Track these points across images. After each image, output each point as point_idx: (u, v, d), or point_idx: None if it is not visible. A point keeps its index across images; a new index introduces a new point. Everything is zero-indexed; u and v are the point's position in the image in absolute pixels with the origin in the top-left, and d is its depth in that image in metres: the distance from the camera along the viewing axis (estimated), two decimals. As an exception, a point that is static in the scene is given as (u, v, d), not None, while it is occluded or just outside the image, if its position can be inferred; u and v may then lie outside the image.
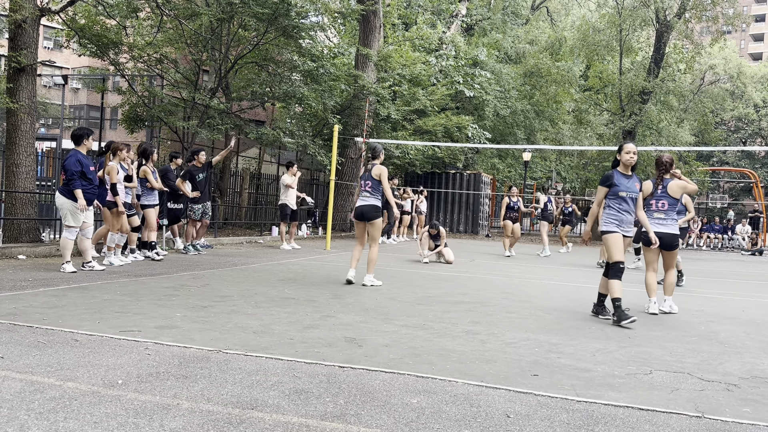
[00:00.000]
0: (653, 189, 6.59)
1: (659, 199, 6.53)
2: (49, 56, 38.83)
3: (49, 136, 27.61)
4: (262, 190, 18.65)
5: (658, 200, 6.53)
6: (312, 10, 15.80)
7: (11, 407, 2.79)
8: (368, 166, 7.69)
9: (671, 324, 5.87)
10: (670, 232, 6.43)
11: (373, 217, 7.48)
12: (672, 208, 6.50)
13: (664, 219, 6.47)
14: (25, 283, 6.40)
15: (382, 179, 7.51)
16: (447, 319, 5.48)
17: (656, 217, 6.51)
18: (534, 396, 3.35)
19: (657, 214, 6.51)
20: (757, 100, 45.65)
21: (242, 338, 4.32)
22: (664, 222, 6.47)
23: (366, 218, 7.52)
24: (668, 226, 6.45)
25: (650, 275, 6.55)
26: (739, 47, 62.85)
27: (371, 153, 7.80)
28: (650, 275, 6.55)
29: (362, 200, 7.56)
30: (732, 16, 27.57)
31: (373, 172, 7.51)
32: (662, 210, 6.50)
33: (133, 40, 14.30)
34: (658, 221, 6.48)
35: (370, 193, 7.53)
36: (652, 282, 6.51)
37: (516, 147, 27.34)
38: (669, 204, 6.48)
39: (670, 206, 6.48)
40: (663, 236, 6.39)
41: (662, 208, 6.50)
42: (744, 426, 3.04)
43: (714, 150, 29.42)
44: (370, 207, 7.49)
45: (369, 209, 7.49)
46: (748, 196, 43.24)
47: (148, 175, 9.44)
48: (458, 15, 27.92)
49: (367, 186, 7.56)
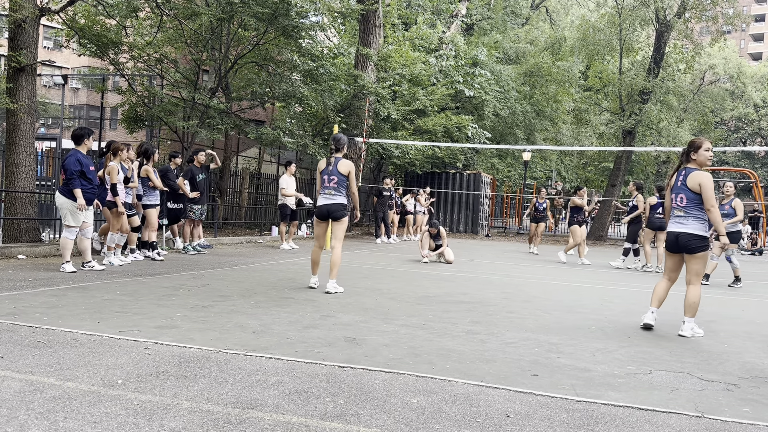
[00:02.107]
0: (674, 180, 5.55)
1: (678, 193, 5.45)
2: (49, 56, 38.83)
3: (49, 136, 27.61)
4: (262, 189, 18.65)
5: (677, 194, 5.45)
6: (312, 10, 15.80)
7: (11, 407, 2.79)
8: (331, 159, 6.91)
9: (671, 324, 5.87)
10: (689, 231, 5.33)
11: (341, 216, 6.83)
12: (692, 204, 5.33)
13: (684, 217, 5.38)
14: (25, 282, 6.40)
15: (351, 177, 6.89)
16: (447, 319, 5.48)
17: (675, 214, 5.47)
18: (534, 396, 3.35)
19: (676, 212, 5.46)
20: (757, 99, 45.66)
21: (242, 338, 4.32)
22: (684, 221, 5.37)
23: (333, 217, 6.86)
24: (688, 226, 5.35)
25: (662, 282, 5.67)
26: (739, 47, 62.84)
27: (334, 144, 6.95)
28: (662, 282, 5.67)
29: (327, 198, 6.86)
30: (732, 16, 27.56)
31: (341, 168, 6.83)
32: (680, 206, 5.41)
33: (133, 39, 14.30)
34: (677, 219, 5.45)
35: (336, 189, 6.85)
36: (660, 289, 5.63)
37: (516, 147, 27.35)
38: (688, 199, 5.35)
39: (689, 201, 5.35)
40: (679, 236, 5.38)
41: (680, 204, 5.41)
42: (744, 426, 3.04)
43: (714, 150, 29.36)
44: (337, 205, 6.83)
45: (336, 207, 6.83)
46: (748, 196, 43.24)
47: (150, 174, 9.44)
48: (458, 15, 27.92)
49: (332, 182, 6.84)
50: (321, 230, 7.09)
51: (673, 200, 5.48)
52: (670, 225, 5.51)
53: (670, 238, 5.48)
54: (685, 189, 5.35)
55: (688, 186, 5.33)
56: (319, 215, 6.96)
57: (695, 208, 5.31)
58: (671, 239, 5.46)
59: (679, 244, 5.37)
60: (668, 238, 5.51)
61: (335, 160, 6.90)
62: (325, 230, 7.10)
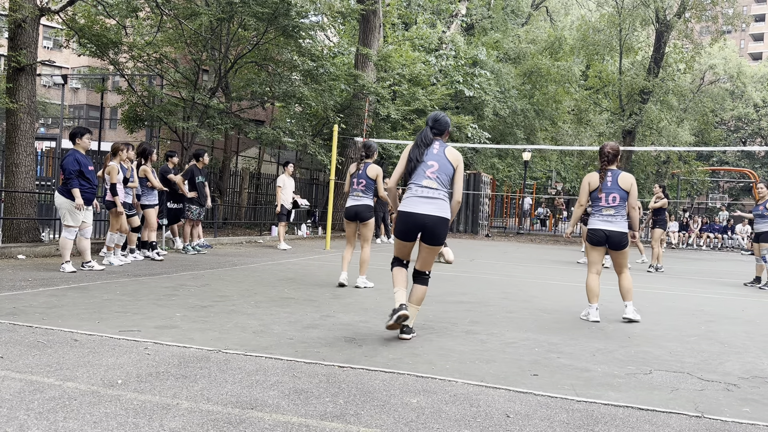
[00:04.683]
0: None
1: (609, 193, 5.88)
2: (48, 56, 38.80)
3: (49, 136, 27.61)
4: (262, 189, 18.64)
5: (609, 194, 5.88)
6: (312, 10, 15.79)
7: (11, 407, 2.79)
8: (361, 164, 7.31)
9: (671, 324, 5.87)
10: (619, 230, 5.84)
11: (367, 218, 7.24)
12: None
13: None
14: (25, 282, 6.40)
15: (378, 180, 7.29)
16: (447, 319, 5.48)
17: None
18: (534, 396, 3.35)
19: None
20: (757, 99, 45.64)
21: (242, 338, 4.32)
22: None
23: (360, 218, 7.26)
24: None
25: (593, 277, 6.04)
26: (739, 47, 62.84)
27: (365, 151, 7.36)
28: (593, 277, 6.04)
29: (355, 200, 7.27)
30: (732, 16, 27.55)
31: (369, 172, 7.20)
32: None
33: (132, 39, 14.29)
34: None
35: (363, 192, 7.24)
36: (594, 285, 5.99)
37: (516, 147, 27.36)
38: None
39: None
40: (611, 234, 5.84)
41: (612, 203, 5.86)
42: (744, 426, 3.04)
43: (714, 150, 29.38)
44: (364, 207, 7.22)
45: (363, 209, 7.22)
46: (748, 196, 43.23)
47: (148, 174, 9.44)
48: (458, 15, 27.92)
49: (360, 185, 7.25)
50: (350, 230, 7.45)
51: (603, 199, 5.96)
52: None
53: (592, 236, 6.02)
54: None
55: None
56: (348, 216, 7.33)
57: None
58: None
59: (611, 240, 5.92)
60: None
61: (365, 165, 7.27)
62: (354, 230, 7.44)
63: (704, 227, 25.03)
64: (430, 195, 4.57)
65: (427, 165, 4.61)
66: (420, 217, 4.54)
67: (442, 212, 4.57)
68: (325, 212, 15.41)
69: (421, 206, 4.55)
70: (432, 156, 4.65)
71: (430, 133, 4.72)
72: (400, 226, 4.65)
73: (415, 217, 4.55)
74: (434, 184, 4.59)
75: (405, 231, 4.63)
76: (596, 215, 5.96)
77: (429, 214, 4.53)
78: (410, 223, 4.58)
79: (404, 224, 4.61)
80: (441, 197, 4.61)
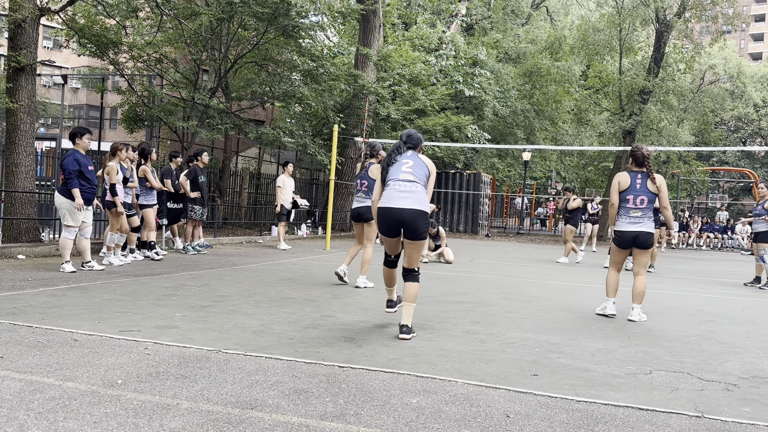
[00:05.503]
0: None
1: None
2: (48, 56, 38.79)
3: (49, 136, 27.60)
4: (262, 189, 18.63)
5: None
6: (312, 10, 15.79)
7: (11, 407, 2.79)
8: (365, 164, 7.34)
9: (671, 324, 5.87)
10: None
11: (369, 218, 7.17)
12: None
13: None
14: (25, 282, 6.40)
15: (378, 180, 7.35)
16: (447, 319, 5.48)
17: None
18: (534, 396, 3.35)
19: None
20: (757, 99, 45.61)
21: (242, 338, 4.32)
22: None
23: (362, 219, 7.26)
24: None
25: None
26: (739, 47, 62.81)
27: (369, 151, 7.40)
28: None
29: (357, 201, 7.30)
30: (732, 16, 27.53)
31: (371, 173, 7.19)
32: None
33: (132, 39, 14.29)
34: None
35: (365, 193, 7.22)
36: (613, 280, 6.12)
37: (516, 147, 27.36)
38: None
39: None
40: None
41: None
42: (743, 426, 3.04)
43: (714, 150, 29.39)
44: (365, 208, 7.17)
45: (365, 210, 7.17)
46: (748, 196, 43.24)
47: (147, 174, 9.44)
48: (458, 14, 27.91)
49: (363, 186, 7.27)
50: (357, 231, 7.51)
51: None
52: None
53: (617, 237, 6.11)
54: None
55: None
56: (352, 217, 7.45)
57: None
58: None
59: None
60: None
61: (369, 164, 7.30)
62: (361, 230, 7.47)
63: (704, 227, 25.03)
64: (408, 189, 4.68)
65: (402, 163, 4.81)
66: (397, 212, 4.64)
67: (419, 205, 4.65)
68: (325, 212, 15.41)
69: (398, 201, 4.66)
70: (407, 157, 4.86)
71: (404, 146, 4.94)
72: (381, 223, 4.79)
73: (393, 212, 4.66)
74: (411, 177, 4.72)
75: (386, 227, 4.77)
76: (623, 217, 5.99)
77: (406, 208, 4.62)
78: (389, 218, 4.70)
79: (384, 220, 4.74)
80: (418, 189, 4.71)
